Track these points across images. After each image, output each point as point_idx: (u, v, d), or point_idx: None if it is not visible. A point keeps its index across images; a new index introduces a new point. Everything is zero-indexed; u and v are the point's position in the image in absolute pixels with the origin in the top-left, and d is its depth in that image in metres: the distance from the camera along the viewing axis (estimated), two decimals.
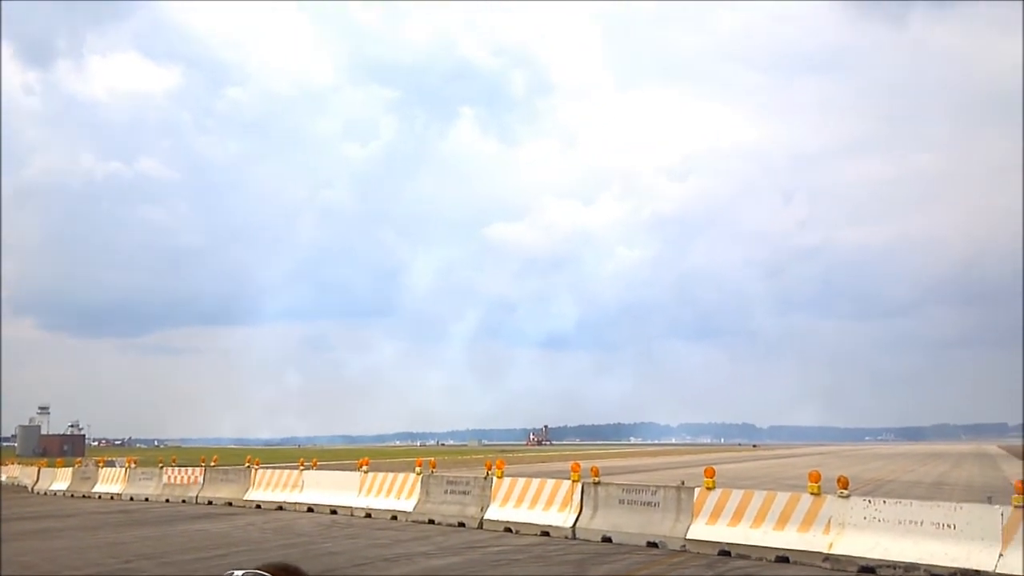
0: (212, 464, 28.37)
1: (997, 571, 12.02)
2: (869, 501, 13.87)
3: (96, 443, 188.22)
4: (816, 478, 14.58)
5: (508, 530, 18.23)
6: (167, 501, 27.65)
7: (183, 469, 28.90)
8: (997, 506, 12.64)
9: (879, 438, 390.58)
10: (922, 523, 13.05)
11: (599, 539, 16.65)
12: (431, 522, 19.85)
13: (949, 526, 12.79)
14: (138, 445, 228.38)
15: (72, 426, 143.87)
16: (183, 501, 27.16)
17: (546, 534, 17.51)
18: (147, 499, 28.51)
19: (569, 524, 17.37)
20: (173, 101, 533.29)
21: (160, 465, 29.89)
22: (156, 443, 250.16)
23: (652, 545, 15.79)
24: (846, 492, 14.10)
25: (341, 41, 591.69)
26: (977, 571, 12.18)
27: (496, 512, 18.87)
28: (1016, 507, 12.32)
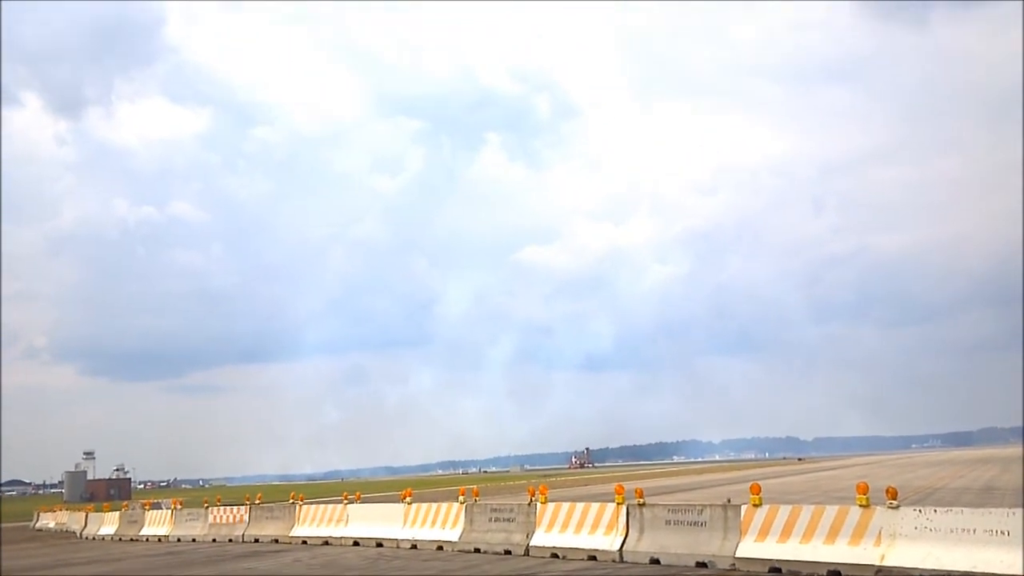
0: (257, 502, 28.48)
1: None
2: (919, 511, 13.67)
3: (142, 486, 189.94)
4: (864, 489, 14.40)
5: (555, 556, 18.13)
6: (214, 541, 27.78)
7: (228, 508, 29.04)
8: None
9: (926, 445, 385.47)
10: (975, 531, 12.83)
11: (647, 561, 16.52)
12: (477, 551, 19.79)
13: (1003, 532, 12.56)
14: (183, 486, 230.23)
15: (117, 470, 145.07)
16: (230, 540, 27.28)
17: (593, 558, 17.39)
18: (194, 540, 28.67)
19: (616, 547, 17.25)
20: (202, 143, 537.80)
21: (205, 505, 30.04)
22: (201, 483, 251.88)
23: (701, 565, 15.64)
24: (895, 502, 13.90)
25: (363, 76, 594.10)
26: None
27: (542, 538, 18.78)
28: None
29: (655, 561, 16.40)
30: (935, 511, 13.48)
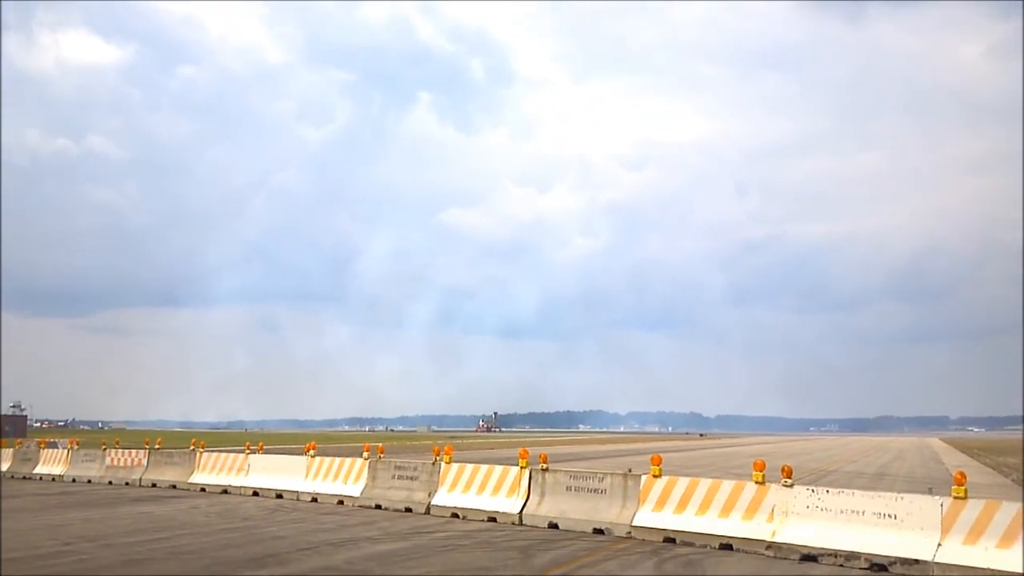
0: (156, 446, 28.03)
1: (936, 560, 12.23)
2: (812, 490, 14.03)
3: (39, 424, 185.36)
4: (761, 467, 14.73)
5: (455, 516, 18.21)
6: (110, 483, 27.27)
7: (127, 451, 28.51)
8: (937, 497, 12.85)
9: (824, 429, 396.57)
10: (864, 512, 13.24)
11: (546, 525, 16.68)
12: (378, 507, 19.77)
13: (890, 516, 12.98)
14: (82, 427, 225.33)
15: (14, 406, 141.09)
16: (126, 484, 26.80)
17: (493, 520, 17.51)
18: (89, 481, 28.10)
19: (516, 510, 17.39)
20: (124, 78, 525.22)
21: (103, 447, 29.46)
22: (100, 425, 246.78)
23: (598, 532, 15.86)
24: (790, 481, 14.25)
25: (297, 22, 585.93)
26: (916, 560, 12.37)
27: (444, 498, 18.84)
28: (955, 498, 12.54)
29: (553, 525, 16.57)
30: (827, 491, 13.86)
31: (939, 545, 12.37)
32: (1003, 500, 12.48)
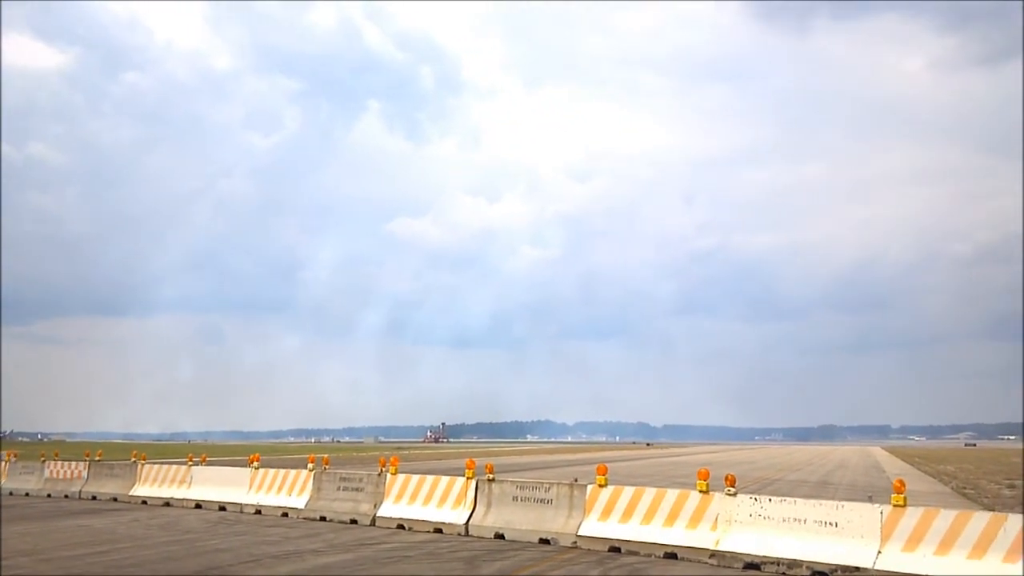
0: (97, 458, 27.57)
1: (876, 567, 12.42)
2: (755, 499, 14.18)
3: None
4: (705, 476, 14.86)
5: (401, 527, 18.12)
6: (49, 496, 26.77)
7: (66, 463, 28.00)
8: (877, 505, 13.05)
9: (768, 438, 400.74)
10: (806, 521, 13.41)
11: (492, 536, 16.67)
12: (323, 519, 19.62)
13: (831, 524, 13.16)
14: (20, 438, 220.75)
15: None
16: (66, 496, 26.33)
17: (439, 531, 17.46)
18: (27, 494, 27.56)
19: (463, 521, 17.35)
20: (67, 83, 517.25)
21: (42, 459, 28.91)
22: (39, 436, 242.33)
23: (544, 542, 15.88)
24: (733, 490, 14.39)
25: (243, 28, 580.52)
26: (857, 567, 12.56)
27: (389, 509, 18.74)
28: (895, 506, 12.75)
29: (500, 536, 16.56)
30: (770, 500, 14.01)
31: (879, 552, 12.56)
32: (941, 508, 12.72)
